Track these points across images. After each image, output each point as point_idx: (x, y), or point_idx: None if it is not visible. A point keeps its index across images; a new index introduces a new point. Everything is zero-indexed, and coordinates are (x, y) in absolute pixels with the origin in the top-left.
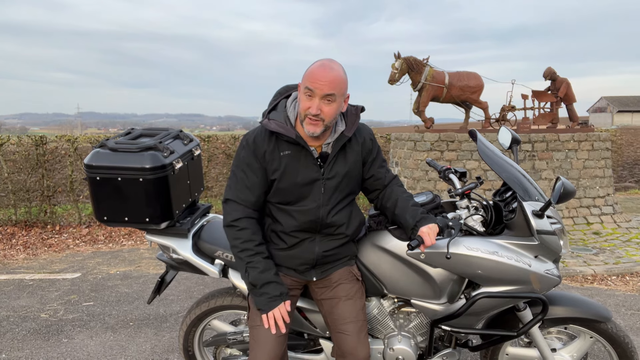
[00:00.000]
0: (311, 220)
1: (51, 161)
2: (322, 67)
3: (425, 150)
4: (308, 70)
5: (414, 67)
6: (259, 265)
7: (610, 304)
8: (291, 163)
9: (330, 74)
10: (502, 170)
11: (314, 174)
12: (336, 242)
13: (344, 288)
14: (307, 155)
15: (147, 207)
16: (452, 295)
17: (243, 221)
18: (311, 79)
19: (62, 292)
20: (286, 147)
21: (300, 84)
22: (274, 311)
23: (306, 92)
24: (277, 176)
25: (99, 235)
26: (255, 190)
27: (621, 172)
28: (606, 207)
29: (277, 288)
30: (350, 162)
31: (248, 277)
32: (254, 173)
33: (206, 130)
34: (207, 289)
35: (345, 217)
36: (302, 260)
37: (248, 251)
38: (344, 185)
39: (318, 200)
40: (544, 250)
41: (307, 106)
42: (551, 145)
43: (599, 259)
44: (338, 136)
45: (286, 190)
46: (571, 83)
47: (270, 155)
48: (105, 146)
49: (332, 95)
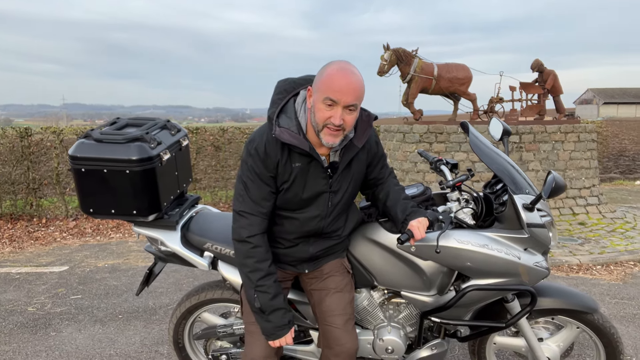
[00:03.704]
0: (311, 229)
1: (36, 153)
2: (343, 73)
3: (414, 142)
4: (325, 76)
5: (403, 59)
6: (270, 290)
7: (595, 293)
8: (300, 175)
9: (353, 82)
10: (493, 163)
11: (321, 187)
12: (331, 242)
13: (334, 280)
14: (316, 166)
15: (134, 200)
16: (442, 287)
17: (258, 238)
18: (334, 89)
19: (49, 286)
20: (298, 159)
21: (315, 90)
22: (280, 340)
23: (326, 101)
24: (285, 186)
25: (87, 228)
26: (269, 202)
27: (606, 163)
28: (592, 197)
29: (285, 316)
30: (356, 173)
31: (256, 302)
32: (266, 184)
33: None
34: (197, 281)
35: (343, 221)
36: (296, 258)
37: (260, 272)
38: (347, 197)
39: (322, 212)
40: (533, 242)
41: (328, 116)
42: (538, 136)
43: (584, 248)
44: (347, 144)
45: (291, 201)
46: (558, 75)
47: (283, 167)
48: (90, 137)
49: (354, 105)
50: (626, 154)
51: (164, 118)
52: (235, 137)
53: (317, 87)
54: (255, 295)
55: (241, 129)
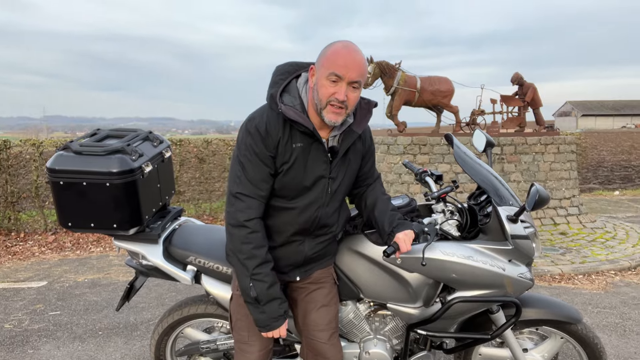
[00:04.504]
0: (308, 220)
1: (15, 166)
2: (348, 50)
3: (398, 154)
4: (330, 53)
5: (386, 72)
6: (267, 279)
7: (578, 303)
8: (301, 156)
9: (358, 59)
10: (477, 174)
11: (321, 171)
12: (324, 243)
13: (321, 293)
14: (317, 148)
15: (115, 213)
16: (428, 299)
17: (256, 222)
18: (339, 64)
19: (27, 302)
20: (299, 139)
21: (318, 67)
22: (274, 332)
23: (331, 77)
24: (284, 168)
25: (66, 242)
26: (268, 184)
27: (585, 174)
28: (572, 208)
29: (281, 306)
30: (353, 162)
31: (252, 291)
32: (265, 165)
33: (178, 134)
34: (180, 295)
35: (337, 216)
36: (289, 262)
37: (256, 259)
38: (344, 187)
39: (320, 200)
40: (517, 254)
41: (332, 92)
42: (519, 148)
43: (566, 258)
44: (346, 130)
45: (289, 185)
46: (537, 88)
47: (284, 147)
48: (69, 149)
49: (358, 82)
50: (605, 164)
51: (147, 129)
52: (220, 148)
53: (320, 63)
54: (250, 284)
55: (225, 141)
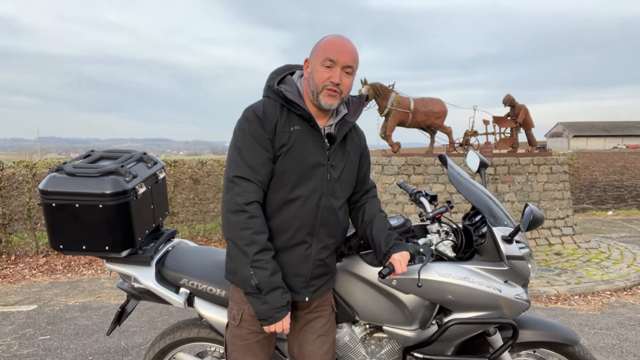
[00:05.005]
0: (312, 210)
1: (7, 188)
2: (340, 38)
3: (392, 174)
4: (323, 43)
5: (380, 93)
6: (268, 266)
7: (574, 324)
8: (299, 139)
9: (350, 45)
10: (471, 195)
11: (319, 157)
12: (329, 250)
13: (319, 322)
14: (315, 135)
15: (107, 235)
16: (424, 321)
17: (256, 207)
18: (332, 49)
19: (16, 326)
20: (297, 122)
21: (313, 57)
22: (277, 325)
23: (325, 62)
24: (283, 150)
25: (57, 265)
26: (266, 168)
27: (579, 194)
28: (566, 228)
29: (283, 296)
30: (351, 153)
31: (253, 279)
32: (263, 147)
33: (173, 155)
34: (172, 319)
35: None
36: (296, 271)
37: (257, 245)
38: (344, 177)
39: (321, 188)
40: (513, 275)
41: (327, 76)
42: (512, 168)
43: (562, 279)
44: (341, 120)
45: (289, 169)
46: (529, 109)
47: (282, 128)
48: (62, 170)
49: (351, 67)
50: (597, 185)
51: (142, 151)
52: (214, 169)
53: (315, 53)
54: (251, 272)
55: (220, 162)
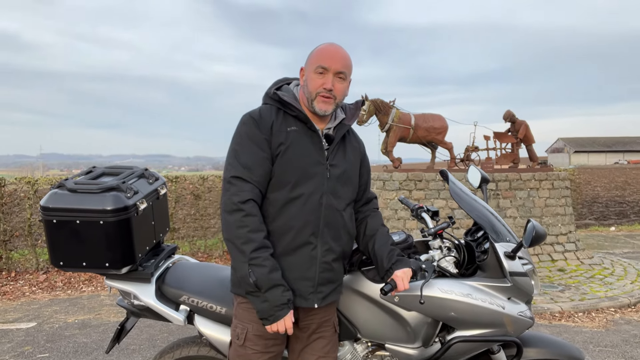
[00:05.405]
0: (314, 209)
1: (9, 204)
2: (332, 45)
3: (394, 190)
4: (316, 52)
5: (381, 109)
6: (267, 263)
7: (579, 341)
8: (298, 139)
9: (341, 52)
10: (473, 210)
11: (318, 157)
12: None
13: (320, 344)
14: (313, 135)
15: (108, 251)
16: (427, 338)
17: (252, 205)
18: (324, 57)
19: (15, 344)
20: (293, 123)
21: (306, 67)
22: (279, 324)
23: (318, 70)
24: (281, 149)
25: (57, 282)
26: (262, 168)
27: (581, 209)
28: (569, 244)
29: (284, 294)
30: (351, 156)
31: (251, 277)
32: (259, 147)
33: (174, 171)
34: (172, 337)
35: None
36: (303, 274)
37: (253, 243)
38: (346, 177)
39: (322, 187)
40: (516, 291)
41: (321, 83)
42: (514, 184)
43: (565, 295)
44: (339, 123)
45: (289, 167)
46: (529, 125)
47: (278, 128)
48: (63, 187)
49: (343, 73)
50: (599, 200)
51: (143, 167)
52: (216, 185)
53: (308, 62)
54: (249, 270)
55: (221, 177)
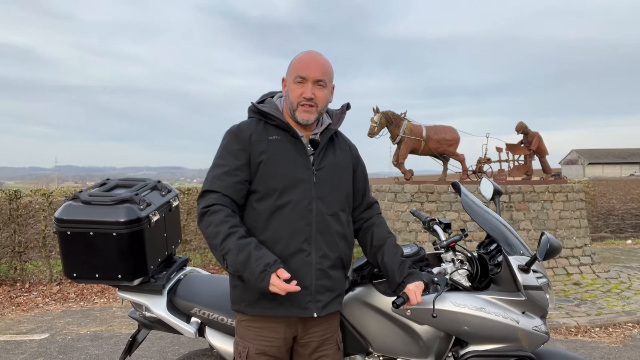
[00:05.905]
0: (304, 214)
1: (24, 216)
2: (309, 54)
3: (405, 202)
4: (294, 62)
5: (392, 121)
6: (233, 246)
7: (596, 357)
8: (280, 147)
9: (319, 59)
10: (486, 223)
11: (304, 162)
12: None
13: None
14: (296, 142)
15: (120, 263)
16: (440, 353)
17: (216, 207)
18: (301, 66)
19: (27, 355)
20: (274, 132)
21: (287, 77)
22: (272, 288)
23: (297, 79)
24: (263, 158)
25: (70, 293)
26: (234, 176)
27: (596, 222)
28: (584, 257)
29: (257, 263)
30: (341, 161)
31: (229, 267)
32: (234, 157)
33: (186, 183)
34: (183, 349)
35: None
36: (300, 282)
37: (220, 235)
38: (335, 181)
39: (310, 192)
40: (531, 305)
41: (300, 92)
42: (527, 196)
43: (581, 310)
44: (325, 129)
45: (273, 176)
46: (542, 136)
47: (257, 137)
48: (78, 199)
49: (323, 81)
50: (615, 213)
51: (156, 179)
52: None
53: (288, 73)
54: (224, 261)
55: None
